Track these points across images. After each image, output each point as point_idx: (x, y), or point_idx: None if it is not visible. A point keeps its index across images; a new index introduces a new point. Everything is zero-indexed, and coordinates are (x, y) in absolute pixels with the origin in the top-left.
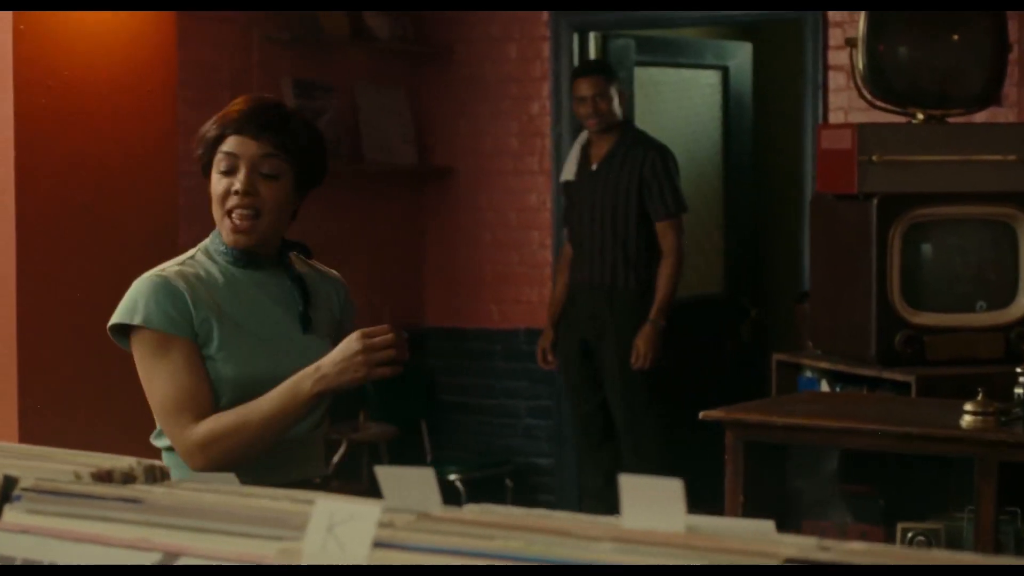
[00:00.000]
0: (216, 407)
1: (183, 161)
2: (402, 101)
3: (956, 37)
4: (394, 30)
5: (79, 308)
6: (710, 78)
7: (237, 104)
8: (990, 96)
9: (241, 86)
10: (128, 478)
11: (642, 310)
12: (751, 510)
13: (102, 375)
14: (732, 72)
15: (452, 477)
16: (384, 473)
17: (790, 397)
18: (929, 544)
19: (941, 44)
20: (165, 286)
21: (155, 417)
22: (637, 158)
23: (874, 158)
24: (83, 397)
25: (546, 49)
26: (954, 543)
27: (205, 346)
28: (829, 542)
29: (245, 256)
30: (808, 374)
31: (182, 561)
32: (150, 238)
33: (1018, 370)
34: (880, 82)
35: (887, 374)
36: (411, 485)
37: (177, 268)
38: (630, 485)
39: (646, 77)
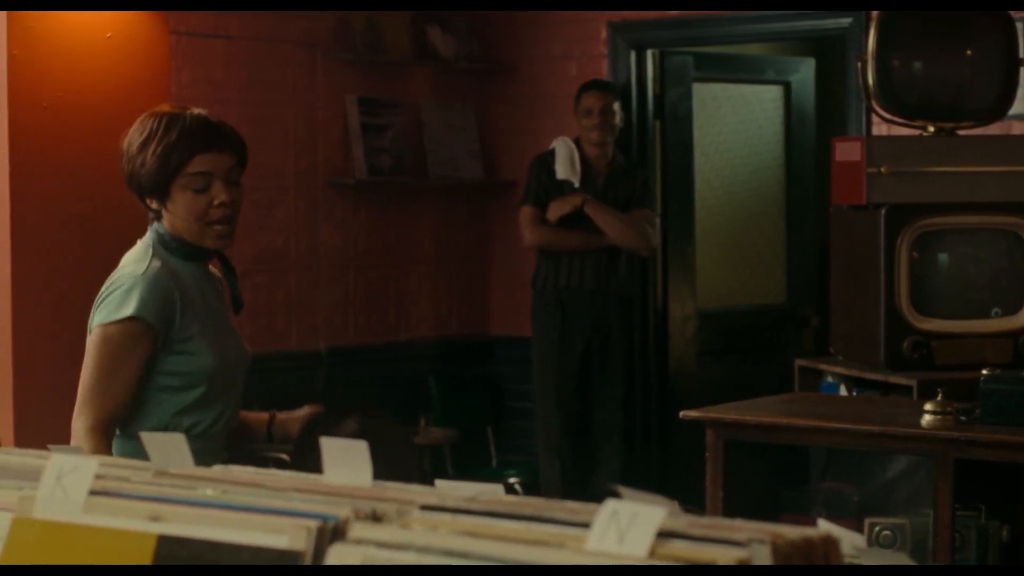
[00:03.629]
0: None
1: None
2: (467, 117)
3: (968, 52)
4: (458, 49)
5: (72, 315)
6: (771, 93)
7: (178, 126)
8: (1001, 109)
9: (305, 104)
10: None
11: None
12: (731, 506)
13: None
14: (794, 87)
15: (512, 480)
16: (148, 439)
17: (773, 398)
18: (894, 539)
19: (952, 58)
20: (160, 282)
21: (80, 388)
22: (633, 177)
23: (882, 169)
24: (76, 397)
25: (605, 66)
26: (920, 538)
27: (186, 340)
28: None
29: (197, 251)
30: (829, 379)
31: None
32: None
33: (984, 372)
34: (890, 97)
35: (893, 378)
36: (171, 449)
37: (159, 264)
38: (329, 447)
39: (705, 93)
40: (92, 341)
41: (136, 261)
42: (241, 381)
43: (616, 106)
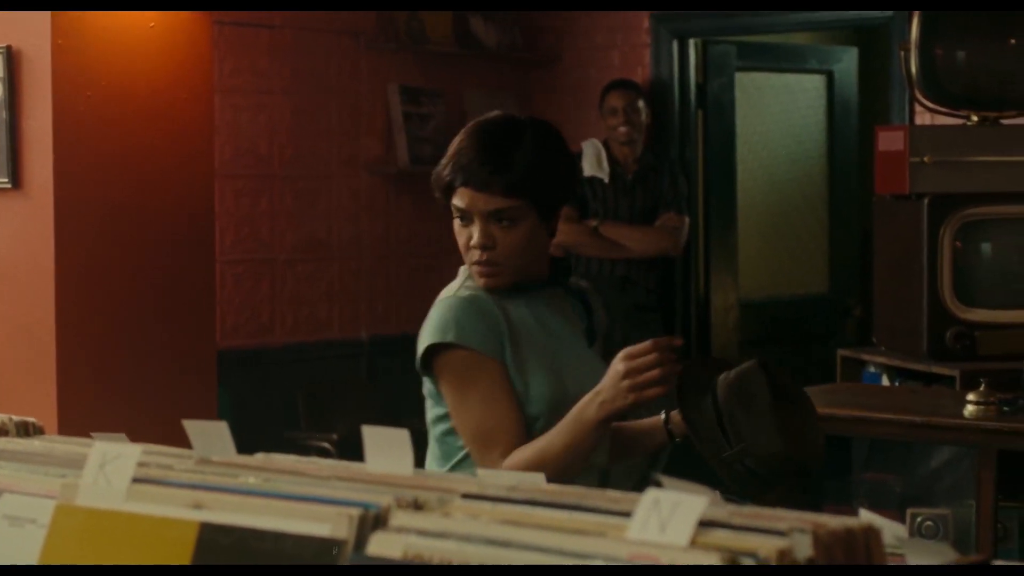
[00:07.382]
0: (529, 432)
1: (228, 164)
2: (510, 106)
3: (1012, 41)
4: (501, 38)
5: (115, 304)
6: (814, 82)
7: (465, 141)
8: None
9: (347, 93)
10: (1, 431)
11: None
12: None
13: (135, 365)
14: (837, 76)
15: None
16: (191, 427)
17: (815, 388)
18: (937, 530)
19: (996, 48)
20: (478, 304)
21: (464, 442)
22: (662, 176)
23: (925, 159)
24: (118, 385)
25: (647, 56)
26: (962, 529)
27: (514, 368)
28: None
29: (506, 291)
30: (872, 369)
31: (6, 496)
32: (185, 237)
33: None
34: (934, 86)
35: (936, 368)
36: (213, 437)
37: (475, 289)
38: (371, 435)
39: (748, 82)
40: (441, 380)
41: (452, 286)
42: None
43: (640, 103)
